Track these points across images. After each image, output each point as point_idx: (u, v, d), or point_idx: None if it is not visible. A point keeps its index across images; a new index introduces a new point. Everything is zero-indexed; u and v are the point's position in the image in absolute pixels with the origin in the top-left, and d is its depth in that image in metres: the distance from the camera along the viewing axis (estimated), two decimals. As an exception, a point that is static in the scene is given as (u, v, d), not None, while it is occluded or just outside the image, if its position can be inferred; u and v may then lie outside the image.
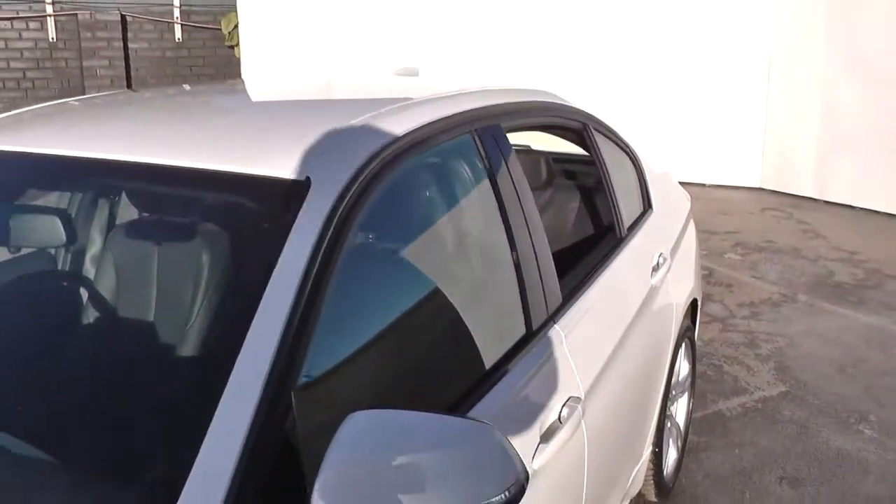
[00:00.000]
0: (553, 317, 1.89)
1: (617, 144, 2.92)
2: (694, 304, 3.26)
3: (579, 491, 1.86)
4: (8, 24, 7.13)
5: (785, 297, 5.59)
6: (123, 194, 1.76)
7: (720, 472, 3.36)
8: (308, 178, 1.38)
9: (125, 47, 7.52)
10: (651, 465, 2.83)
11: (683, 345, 3.11)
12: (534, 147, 3.08)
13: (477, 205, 1.85)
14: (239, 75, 7.63)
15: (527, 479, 1.12)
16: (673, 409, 3.12)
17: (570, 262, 2.20)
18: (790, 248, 6.91)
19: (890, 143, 7.95)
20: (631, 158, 3.03)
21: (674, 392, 3.07)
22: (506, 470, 1.08)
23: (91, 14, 7.27)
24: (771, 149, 9.36)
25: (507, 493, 1.07)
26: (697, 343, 3.68)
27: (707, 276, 5.90)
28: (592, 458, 1.90)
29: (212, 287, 1.39)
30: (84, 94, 7.43)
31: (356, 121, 1.59)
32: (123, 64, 7.52)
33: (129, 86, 7.61)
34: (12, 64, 7.23)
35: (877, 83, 8.01)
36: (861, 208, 8.24)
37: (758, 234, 7.40)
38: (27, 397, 1.35)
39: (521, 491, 1.10)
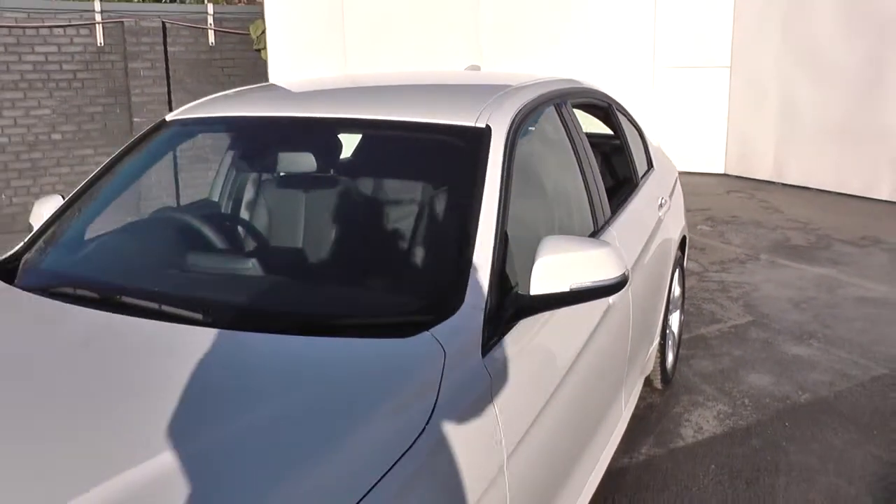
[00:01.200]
0: (608, 222, 2.91)
1: (629, 119, 3.95)
2: (683, 240, 4.29)
3: (626, 334, 2.88)
4: (61, 30, 7.93)
5: (749, 256, 6.68)
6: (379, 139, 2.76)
7: (706, 372, 4.40)
8: (488, 126, 2.37)
9: (165, 51, 8.36)
10: (658, 355, 3.85)
11: (677, 271, 4.14)
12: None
13: (562, 148, 2.86)
14: (265, 76, 8.54)
15: (629, 273, 2.12)
16: (671, 319, 4.14)
17: (610, 193, 3.20)
18: (753, 221, 8.02)
19: (837, 131, 9.08)
20: (638, 130, 4.06)
21: (671, 307, 4.09)
22: (619, 265, 2.08)
23: (136, 21, 8.14)
24: (734, 139, 10.47)
25: (620, 276, 2.07)
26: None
27: (684, 242, 6.96)
28: (634, 315, 2.92)
29: (453, 187, 2.37)
30: (129, 93, 8.32)
31: (496, 95, 2.58)
32: (164, 66, 8.39)
33: (168, 86, 8.48)
34: (64, 66, 8.03)
35: (826, 78, 9.15)
36: (814, 188, 9.38)
37: (724, 211, 8.50)
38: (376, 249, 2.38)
39: (626, 280, 2.10)
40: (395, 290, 2.19)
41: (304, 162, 2.78)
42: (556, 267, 1.99)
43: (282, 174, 2.94)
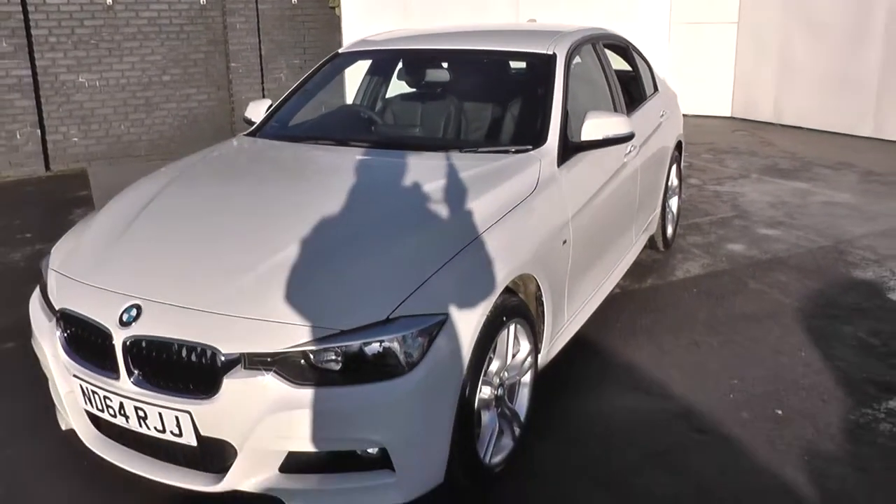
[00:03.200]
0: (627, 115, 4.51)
1: (640, 56, 5.53)
2: (679, 143, 5.85)
3: (635, 187, 4.47)
4: (172, -9, 9.50)
5: (741, 175, 8.24)
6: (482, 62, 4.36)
7: (698, 242, 6.00)
8: (554, 53, 3.96)
9: (256, 8, 9.89)
10: (660, 222, 5.45)
11: (675, 166, 5.72)
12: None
13: (596, 68, 4.44)
14: (339, 30, 10.08)
15: (633, 134, 3.72)
16: (671, 201, 5.74)
17: (627, 100, 4.78)
18: (749, 151, 9.55)
19: (825, 78, 10.55)
20: (647, 64, 5.63)
21: (670, 192, 5.68)
22: (630, 126, 3.67)
23: (232, -17, 9.69)
24: (739, 86, 11.95)
25: (630, 132, 3.67)
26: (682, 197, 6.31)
27: (687, 166, 8.51)
28: (640, 179, 4.52)
29: (532, 89, 3.97)
30: (227, 42, 9.91)
31: (557, 35, 4.16)
32: (255, 20, 9.94)
33: (259, 37, 10.05)
34: (174, 20, 9.57)
35: (818, 30, 10.60)
36: (806, 128, 10.88)
37: (726, 144, 10.03)
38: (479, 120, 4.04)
39: (633, 134, 3.69)
40: (514, 134, 3.82)
41: (443, 74, 4.43)
42: (596, 125, 3.60)
43: (429, 81, 4.55)
